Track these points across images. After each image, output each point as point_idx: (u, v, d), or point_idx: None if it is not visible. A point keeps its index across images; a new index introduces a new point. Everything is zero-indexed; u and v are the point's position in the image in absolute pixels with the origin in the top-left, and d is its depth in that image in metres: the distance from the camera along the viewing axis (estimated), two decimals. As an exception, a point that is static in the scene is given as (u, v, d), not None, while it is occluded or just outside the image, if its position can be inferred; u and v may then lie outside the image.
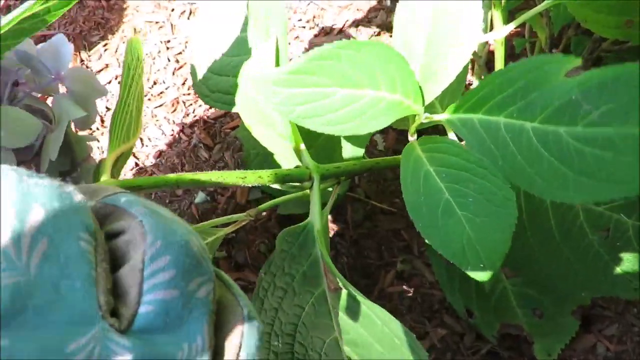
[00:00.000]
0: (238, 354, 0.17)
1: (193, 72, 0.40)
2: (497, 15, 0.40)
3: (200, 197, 0.55)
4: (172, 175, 0.29)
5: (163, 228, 0.17)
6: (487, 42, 0.54)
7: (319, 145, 0.42)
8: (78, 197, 0.16)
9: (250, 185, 0.33)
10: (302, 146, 0.34)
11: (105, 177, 0.28)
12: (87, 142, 0.35)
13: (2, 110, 0.27)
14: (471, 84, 0.58)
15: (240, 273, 0.53)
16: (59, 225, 0.15)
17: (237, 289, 0.19)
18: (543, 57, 0.25)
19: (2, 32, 0.21)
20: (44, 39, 0.63)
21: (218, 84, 0.38)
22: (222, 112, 0.60)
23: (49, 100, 0.33)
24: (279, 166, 0.49)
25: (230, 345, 0.17)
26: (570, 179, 0.24)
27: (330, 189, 0.41)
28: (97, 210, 0.18)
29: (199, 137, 0.59)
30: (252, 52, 0.32)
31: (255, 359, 0.17)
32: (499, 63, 0.39)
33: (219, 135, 0.59)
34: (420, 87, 0.31)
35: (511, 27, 0.40)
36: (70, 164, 0.33)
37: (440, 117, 0.31)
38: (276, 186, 0.38)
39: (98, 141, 0.58)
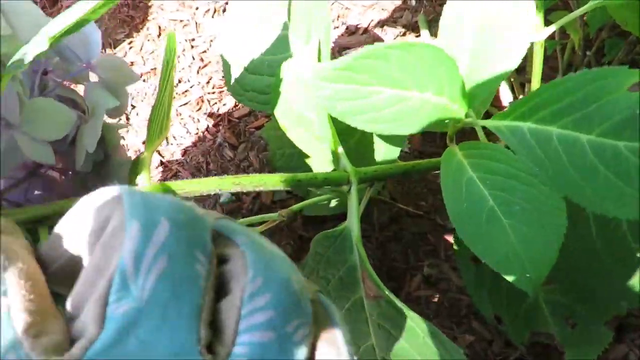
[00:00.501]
0: None
1: (226, 71, 0.40)
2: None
3: (225, 196, 0.55)
4: (214, 178, 0.28)
5: (265, 262, 0.16)
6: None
7: (351, 146, 0.41)
8: (199, 210, 0.16)
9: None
10: (340, 149, 0.34)
11: (144, 175, 0.28)
12: (118, 131, 0.34)
13: (36, 103, 0.27)
14: (499, 86, 0.57)
15: (265, 274, 0.52)
16: (182, 239, 0.15)
17: (335, 313, 0.18)
18: (605, 69, 0.24)
19: (55, 37, 0.20)
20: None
21: (252, 83, 0.38)
22: (246, 111, 0.59)
23: (79, 89, 0.32)
24: (305, 165, 0.49)
25: None
26: (627, 194, 0.24)
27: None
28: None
29: (223, 136, 0.58)
30: (292, 52, 0.31)
31: None
32: (538, 66, 0.38)
33: (243, 135, 0.58)
34: (466, 91, 0.30)
35: (552, 28, 0.39)
36: (103, 154, 0.32)
37: (487, 123, 0.30)
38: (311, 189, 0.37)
39: (127, 129, 0.58)
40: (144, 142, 0.58)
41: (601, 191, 0.25)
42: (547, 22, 0.39)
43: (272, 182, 0.29)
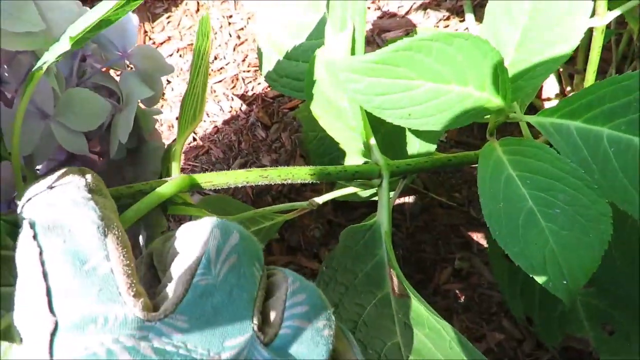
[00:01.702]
0: None
1: (260, 56, 0.39)
2: (599, -1, 0.36)
3: (256, 178, 0.54)
4: (241, 171, 0.27)
5: (300, 277, 0.21)
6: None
7: (382, 135, 0.40)
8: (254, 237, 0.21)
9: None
10: (373, 140, 0.32)
11: (175, 168, 0.27)
12: (153, 116, 0.34)
13: (71, 94, 0.26)
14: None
15: (293, 257, 0.52)
16: (247, 249, 0.20)
17: (354, 342, 0.22)
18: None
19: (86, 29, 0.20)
20: None
21: (287, 69, 0.37)
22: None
23: (115, 76, 0.32)
24: (338, 150, 0.48)
25: None
26: (682, 205, 0.22)
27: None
28: None
29: (256, 116, 0.57)
30: (326, 39, 0.30)
31: None
32: (596, 54, 0.36)
33: (276, 115, 0.58)
34: (509, 85, 0.28)
35: (617, 12, 0.36)
36: (137, 140, 0.32)
37: (531, 119, 0.29)
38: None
39: (161, 113, 0.58)
40: (177, 118, 0.58)
41: (653, 200, 0.23)
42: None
43: (300, 174, 0.28)
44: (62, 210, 0.19)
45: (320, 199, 0.36)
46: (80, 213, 0.19)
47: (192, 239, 0.20)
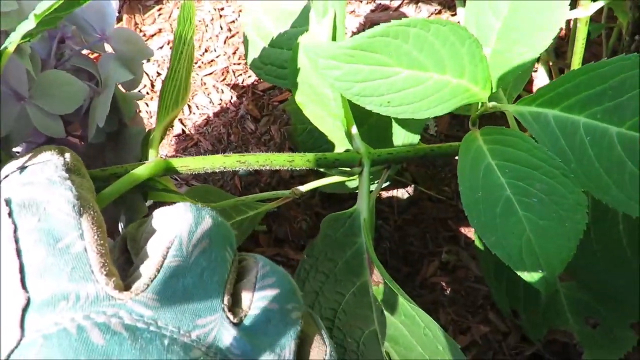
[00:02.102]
0: None
1: (246, 43, 0.39)
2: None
3: (243, 169, 0.54)
4: (219, 156, 0.27)
5: (270, 262, 0.22)
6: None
7: (369, 126, 0.40)
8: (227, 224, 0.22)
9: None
10: (354, 129, 0.32)
11: (153, 153, 0.27)
12: (135, 101, 0.34)
13: (48, 76, 0.26)
14: (536, 70, 0.54)
15: (280, 249, 0.52)
16: (219, 233, 0.21)
17: (323, 327, 0.22)
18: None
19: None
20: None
21: (271, 56, 0.37)
22: (270, 84, 0.58)
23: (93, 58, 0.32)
24: (327, 143, 0.48)
25: None
26: (656, 193, 0.22)
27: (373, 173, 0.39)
28: None
29: (246, 108, 0.57)
30: (310, 26, 0.30)
31: None
32: (580, 46, 0.35)
33: (266, 108, 0.58)
34: (489, 74, 0.28)
35: (601, 3, 0.36)
36: (118, 123, 0.32)
37: (509, 107, 0.28)
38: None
39: (142, 99, 0.58)
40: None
41: (627, 189, 0.23)
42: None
43: (278, 161, 0.28)
44: (38, 189, 0.19)
45: (303, 188, 0.36)
46: (56, 192, 0.19)
47: (165, 223, 0.20)
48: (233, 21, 0.61)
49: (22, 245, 0.18)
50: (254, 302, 0.20)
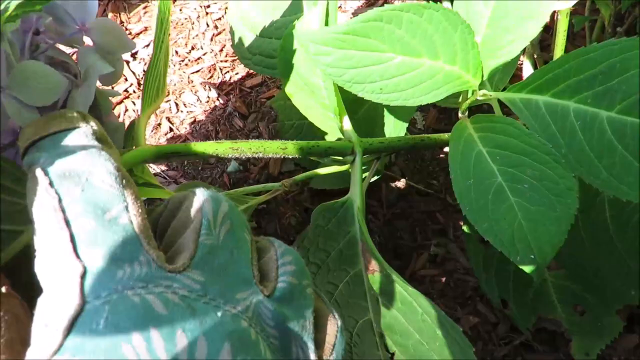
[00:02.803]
0: (332, 352, 0.22)
1: (232, 34, 0.38)
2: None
3: (232, 166, 0.54)
4: (211, 143, 0.27)
5: (282, 243, 0.23)
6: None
7: (360, 117, 0.40)
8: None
9: (284, 157, 0.31)
10: (346, 118, 0.32)
11: (140, 139, 0.27)
12: (110, 98, 0.33)
13: (26, 66, 0.26)
14: (522, 63, 0.55)
15: (269, 245, 0.52)
16: (237, 216, 0.22)
17: (330, 305, 0.23)
18: (634, 39, 0.22)
19: None
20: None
21: (260, 46, 0.36)
22: (258, 81, 0.58)
23: (69, 51, 0.31)
24: (314, 138, 0.48)
25: (327, 343, 0.22)
26: (645, 175, 0.22)
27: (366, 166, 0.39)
28: None
29: (234, 105, 0.57)
30: (303, 14, 0.30)
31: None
32: (561, 38, 0.36)
33: (254, 105, 0.57)
34: (480, 61, 0.28)
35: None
36: (96, 119, 0.31)
37: (500, 95, 0.29)
38: (314, 159, 0.36)
39: (120, 95, 0.57)
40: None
41: (617, 172, 0.23)
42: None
43: (272, 148, 0.28)
44: (76, 159, 0.19)
45: (292, 180, 0.36)
46: (96, 162, 0.19)
47: (189, 205, 0.21)
48: (219, 18, 0.60)
49: (70, 215, 0.18)
50: (280, 276, 0.21)
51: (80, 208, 0.18)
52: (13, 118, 0.25)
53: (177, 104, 0.58)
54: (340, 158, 0.33)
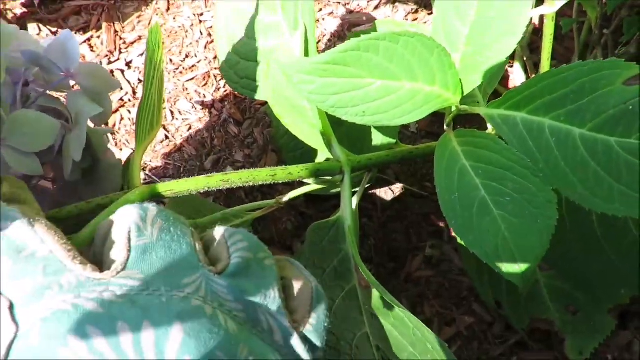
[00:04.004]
0: (308, 314, 0.22)
1: (224, 61, 0.39)
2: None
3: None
4: (202, 177, 0.28)
5: (229, 228, 0.24)
6: (531, 20, 0.51)
7: (347, 128, 0.41)
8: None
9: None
10: (333, 139, 0.33)
11: (136, 179, 0.28)
12: (105, 135, 0.34)
13: (18, 115, 0.26)
14: (512, 66, 0.56)
15: (268, 251, 0.53)
16: (169, 214, 0.23)
17: (304, 269, 0.24)
18: (601, 61, 0.23)
19: None
20: (79, 9, 0.63)
21: (247, 70, 0.37)
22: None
23: (60, 97, 0.32)
24: (307, 146, 0.48)
25: (301, 307, 0.22)
26: (615, 191, 0.23)
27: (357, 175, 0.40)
28: None
29: (229, 112, 0.58)
30: (281, 40, 0.31)
31: (324, 325, 0.23)
32: (548, 41, 0.37)
33: (249, 111, 0.58)
34: (459, 79, 0.29)
35: (564, 1, 0.37)
36: (92, 159, 0.32)
37: (479, 110, 0.30)
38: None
39: (113, 134, 0.58)
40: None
41: (590, 186, 0.24)
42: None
43: (261, 176, 0.29)
44: None
45: (286, 197, 0.37)
46: (4, 216, 0.21)
47: (116, 221, 0.22)
48: (212, 26, 0.61)
49: None
50: (232, 254, 0.22)
51: None
52: (14, 167, 0.26)
53: (172, 112, 0.59)
54: (330, 178, 0.34)
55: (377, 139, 0.40)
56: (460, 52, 0.30)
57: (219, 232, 0.24)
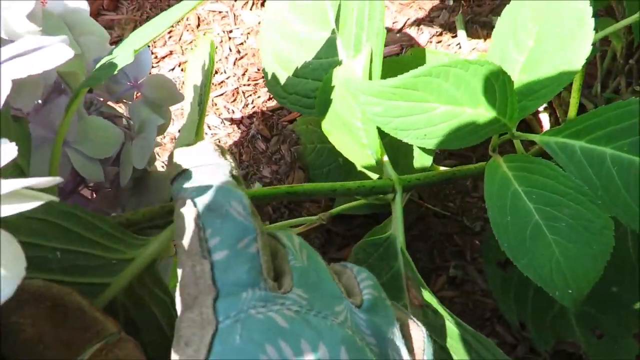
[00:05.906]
0: (423, 354, 0.24)
1: (266, 74, 0.40)
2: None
3: (257, 186, 0.55)
4: (267, 188, 0.29)
5: (353, 264, 0.26)
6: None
7: (384, 144, 0.41)
8: None
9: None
10: (385, 158, 0.34)
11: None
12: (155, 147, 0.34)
13: (89, 121, 0.27)
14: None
15: (293, 268, 0.53)
16: (308, 246, 0.24)
17: (409, 314, 0.26)
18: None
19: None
20: (111, 23, 0.63)
21: (296, 86, 0.38)
22: (279, 105, 0.60)
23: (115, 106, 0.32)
24: (335, 161, 0.49)
25: (416, 348, 0.24)
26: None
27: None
28: None
29: (257, 128, 0.58)
30: (340, 58, 0.31)
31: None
32: (579, 75, 0.38)
33: (276, 127, 0.59)
34: (517, 106, 0.30)
35: (598, 36, 0.38)
36: (141, 170, 0.32)
37: (536, 138, 0.30)
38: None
39: (160, 145, 0.58)
40: (179, 130, 0.58)
41: (654, 216, 0.25)
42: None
43: (324, 190, 0.30)
44: (218, 193, 0.22)
45: (328, 213, 0.37)
46: (233, 197, 0.22)
47: (281, 240, 0.24)
48: (242, 43, 0.62)
49: (211, 245, 0.21)
50: (362, 290, 0.24)
51: (219, 238, 0.21)
52: (79, 170, 0.26)
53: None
54: (382, 196, 0.35)
55: (415, 156, 0.41)
56: (515, 79, 0.31)
57: (344, 267, 0.25)
